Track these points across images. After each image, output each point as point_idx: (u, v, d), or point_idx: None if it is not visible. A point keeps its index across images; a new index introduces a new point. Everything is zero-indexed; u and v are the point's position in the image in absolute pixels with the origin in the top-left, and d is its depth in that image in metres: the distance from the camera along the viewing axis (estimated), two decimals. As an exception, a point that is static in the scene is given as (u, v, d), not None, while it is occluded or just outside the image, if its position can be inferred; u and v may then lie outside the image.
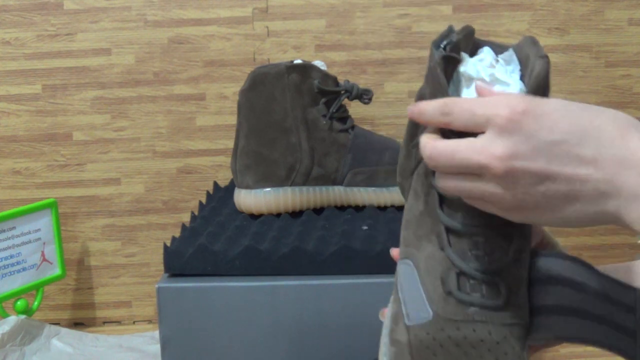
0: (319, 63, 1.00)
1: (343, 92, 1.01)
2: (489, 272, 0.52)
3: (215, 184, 1.14)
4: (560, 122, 0.45)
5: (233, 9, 1.17)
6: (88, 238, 1.23)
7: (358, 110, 1.17)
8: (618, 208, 0.45)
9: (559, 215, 0.48)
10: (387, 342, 0.55)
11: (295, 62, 0.98)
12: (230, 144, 1.19)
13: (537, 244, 0.57)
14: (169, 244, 0.87)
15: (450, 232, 0.53)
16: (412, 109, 0.52)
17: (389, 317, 0.57)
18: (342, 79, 1.03)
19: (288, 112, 0.97)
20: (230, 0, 1.17)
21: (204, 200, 1.09)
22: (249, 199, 0.96)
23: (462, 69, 0.56)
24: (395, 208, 1.00)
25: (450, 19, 1.17)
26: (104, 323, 1.25)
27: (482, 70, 0.55)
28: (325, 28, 1.18)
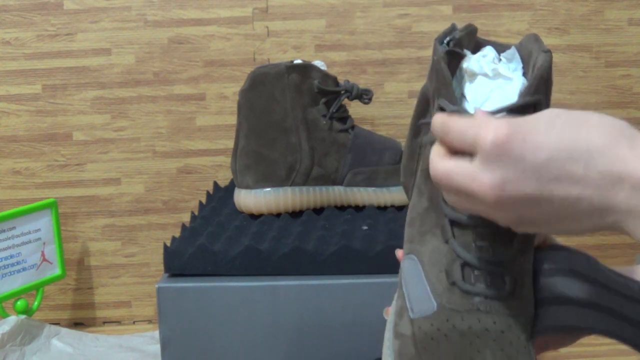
0: (319, 63, 1.00)
1: (343, 92, 1.01)
2: (493, 262, 0.52)
3: (215, 184, 1.14)
4: (546, 141, 0.44)
5: (233, 9, 1.17)
6: (88, 238, 1.23)
7: (358, 110, 1.17)
8: (616, 222, 0.45)
9: (559, 229, 0.48)
10: (390, 336, 0.55)
11: (295, 62, 0.98)
12: (230, 144, 1.19)
13: (539, 244, 0.57)
14: (169, 244, 0.87)
15: (454, 224, 0.53)
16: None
17: (393, 312, 0.57)
18: (342, 79, 1.03)
19: (288, 112, 0.97)
20: (230, 0, 1.17)
21: (204, 200, 1.09)
22: (249, 199, 0.96)
23: (465, 65, 0.56)
24: (395, 208, 1.00)
25: (450, 19, 1.17)
26: (104, 323, 1.25)
27: (485, 66, 0.55)
28: (325, 28, 1.18)
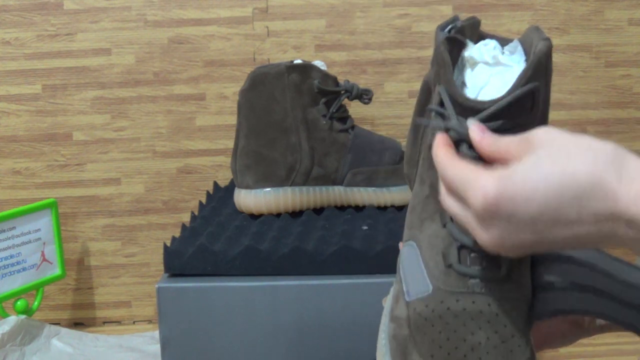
0: (319, 63, 1.00)
1: (343, 92, 1.01)
2: None
3: (215, 184, 1.14)
4: (535, 194, 0.44)
5: (233, 9, 1.17)
6: (88, 238, 1.23)
7: (358, 110, 1.17)
8: (620, 244, 0.45)
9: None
10: (386, 321, 0.55)
11: (295, 62, 0.98)
12: (230, 144, 1.19)
13: None
14: (169, 244, 0.87)
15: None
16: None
17: (390, 298, 0.57)
18: (342, 79, 1.03)
19: (288, 112, 0.97)
20: (230, 0, 1.17)
21: (204, 200, 1.09)
22: (249, 199, 0.96)
23: (466, 54, 0.56)
24: (395, 208, 1.00)
25: (450, 19, 1.17)
26: (104, 323, 1.25)
27: (485, 53, 0.55)
28: (325, 28, 1.18)
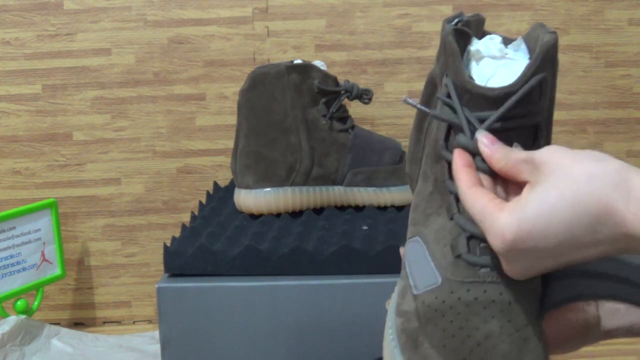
0: (319, 63, 1.00)
1: (343, 92, 1.01)
2: None
3: (215, 184, 1.14)
4: (548, 227, 0.46)
5: (233, 9, 1.17)
6: (88, 238, 1.23)
7: (358, 110, 1.17)
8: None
9: None
10: (393, 317, 0.54)
11: (295, 62, 0.98)
12: (230, 144, 1.19)
13: None
14: (169, 244, 0.87)
15: (460, 200, 0.53)
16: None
17: (396, 295, 0.56)
18: (342, 79, 1.03)
19: (288, 112, 0.97)
20: (230, 0, 1.17)
21: (204, 200, 1.09)
22: (249, 199, 0.96)
23: (472, 48, 0.56)
24: (395, 208, 1.00)
25: (450, 19, 1.17)
26: (104, 323, 1.25)
27: (492, 46, 0.55)
28: (325, 28, 1.18)
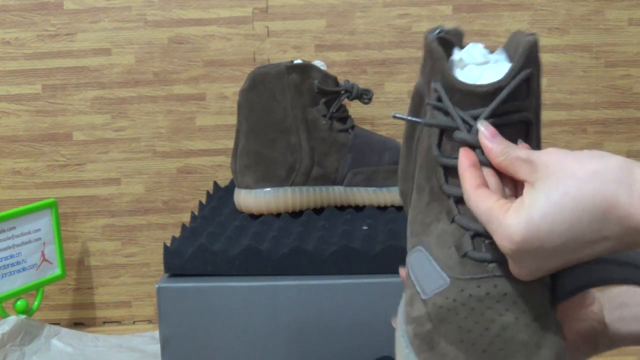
0: (319, 63, 1.00)
1: (343, 92, 1.01)
2: None
3: (215, 184, 1.14)
4: (554, 227, 0.46)
5: (233, 9, 1.17)
6: (88, 238, 1.23)
7: (358, 110, 1.17)
8: None
9: None
10: (403, 327, 0.53)
11: (295, 62, 0.98)
12: (230, 144, 1.19)
13: None
14: (169, 244, 0.87)
15: (459, 201, 0.53)
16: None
17: (403, 305, 0.55)
18: (342, 79, 1.03)
19: (288, 112, 0.97)
20: (230, 0, 1.17)
21: (204, 200, 1.09)
22: (249, 199, 0.96)
23: (455, 58, 0.56)
24: (395, 208, 1.00)
25: (450, 19, 1.17)
26: (104, 323, 1.25)
27: (475, 53, 0.55)
28: (325, 28, 1.18)
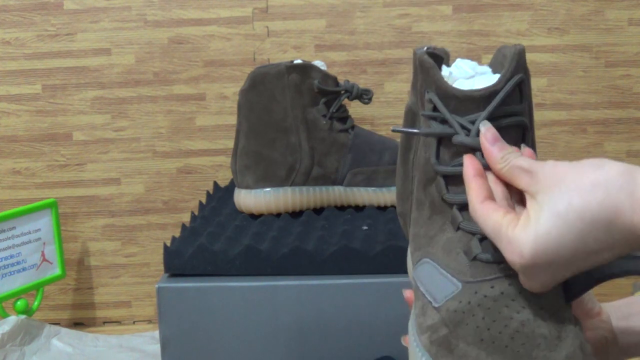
0: (319, 63, 1.00)
1: (343, 92, 1.01)
2: None
3: (215, 184, 1.14)
4: (562, 240, 0.46)
5: (233, 9, 1.17)
6: (88, 238, 1.23)
7: (358, 110, 1.17)
8: None
9: None
10: (417, 338, 0.52)
11: (295, 62, 0.98)
12: (230, 144, 1.19)
13: None
14: (169, 244, 0.87)
15: (463, 209, 0.52)
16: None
17: (414, 318, 0.54)
18: (342, 79, 1.03)
19: (288, 112, 0.97)
20: (230, 0, 1.17)
21: (204, 200, 1.09)
22: (249, 199, 0.96)
23: (444, 73, 0.56)
24: (395, 208, 1.00)
25: (450, 19, 1.17)
26: (104, 323, 1.25)
27: (464, 67, 0.55)
28: (325, 28, 1.18)
